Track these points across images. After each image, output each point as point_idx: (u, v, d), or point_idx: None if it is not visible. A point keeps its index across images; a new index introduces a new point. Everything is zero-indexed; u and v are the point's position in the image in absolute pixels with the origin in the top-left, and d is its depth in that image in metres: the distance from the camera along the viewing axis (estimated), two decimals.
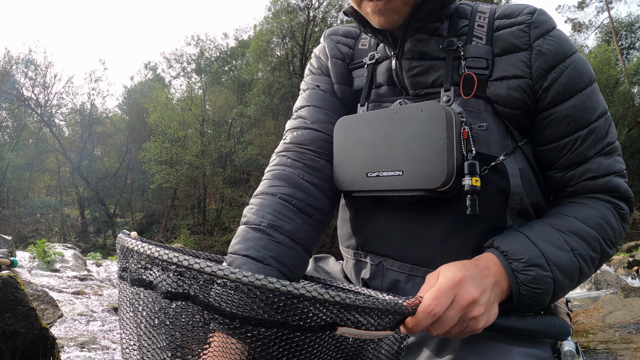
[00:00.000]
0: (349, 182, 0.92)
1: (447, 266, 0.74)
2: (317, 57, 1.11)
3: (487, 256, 0.79)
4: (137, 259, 0.61)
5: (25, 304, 2.40)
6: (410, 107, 0.84)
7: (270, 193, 0.91)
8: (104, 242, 27.43)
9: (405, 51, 0.90)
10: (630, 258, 10.39)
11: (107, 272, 7.23)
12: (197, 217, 28.34)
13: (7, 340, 2.31)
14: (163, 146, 25.24)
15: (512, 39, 0.84)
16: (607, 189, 0.86)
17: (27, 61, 29.03)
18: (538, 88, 0.83)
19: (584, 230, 0.81)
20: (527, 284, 0.75)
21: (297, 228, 0.88)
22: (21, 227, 27.11)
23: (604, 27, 26.28)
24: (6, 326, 2.32)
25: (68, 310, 4.30)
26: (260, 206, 0.89)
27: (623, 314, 4.89)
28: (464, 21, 0.91)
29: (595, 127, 0.84)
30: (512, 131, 0.86)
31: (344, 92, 1.04)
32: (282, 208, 0.89)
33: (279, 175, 0.95)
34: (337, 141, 0.95)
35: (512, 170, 0.83)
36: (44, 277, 5.76)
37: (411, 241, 0.89)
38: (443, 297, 0.66)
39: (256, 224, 0.86)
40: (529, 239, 0.79)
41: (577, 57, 0.84)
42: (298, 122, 1.03)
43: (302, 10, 23.70)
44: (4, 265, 4.78)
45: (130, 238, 0.65)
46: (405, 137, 0.83)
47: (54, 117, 31.36)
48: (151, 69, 34.76)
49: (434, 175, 0.79)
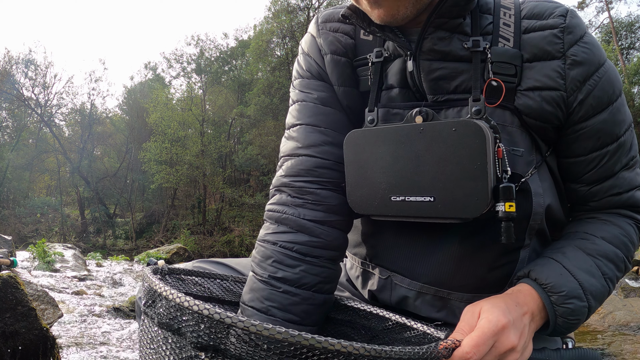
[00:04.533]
0: (367, 205, 0.83)
1: (490, 306, 0.68)
2: (306, 56, 0.94)
3: (525, 290, 0.75)
4: (167, 305, 0.60)
5: (25, 304, 2.40)
6: (440, 125, 0.74)
7: (272, 242, 0.85)
8: (104, 242, 27.40)
9: (425, 51, 0.79)
10: None
11: (107, 272, 7.23)
12: (197, 217, 28.30)
13: (7, 340, 2.31)
14: (163, 146, 25.21)
15: (544, 45, 0.76)
16: (630, 204, 0.85)
17: (27, 61, 29.01)
18: (572, 101, 0.77)
19: (612, 252, 0.80)
20: (565, 316, 0.74)
21: (301, 275, 0.82)
22: (21, 227, 27.08)
23: (604, 27, 26.24)
24: (6, 326, 2.32)
25: (68, 310, 4.29)
26: (263, 256, 0.85)
27: (623, 314, 4.88)
28: (487, 17, 0.81)
29: (623, 141, 0.82)
30: (538, 143, 0.80)
31: (349, 96, 0.90)
32: (283, 257, 0.83)
33: (279, 219, 0.86)
34: (349, 159, 0.84)
35: (535, 189, 0.78)
36: (44, 277, 5.76)
37: (421, 259, 0.84)
38: (483, 345, 0.62)
39: (259, 275, 0.84)
40: (565, 268, 0.76)
41: (608, 65, 0.79)
42: (291, 146, 0.90)
43: (302, 10, 23.68)
44: (4, 265, 4.78)
45: (155, 277, 0.63)
46: (435, 158, 0.74)
47: (54, 117, 31.36)
48: (151, 69, 34.72)
49: (472, 204, 0.71)
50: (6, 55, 28.49)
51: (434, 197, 0.74)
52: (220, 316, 0.52)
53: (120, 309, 4.43)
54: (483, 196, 0.70)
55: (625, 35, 26.09)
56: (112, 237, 28.60)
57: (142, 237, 28.00)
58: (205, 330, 0.55)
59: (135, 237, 27.67)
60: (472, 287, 0.83)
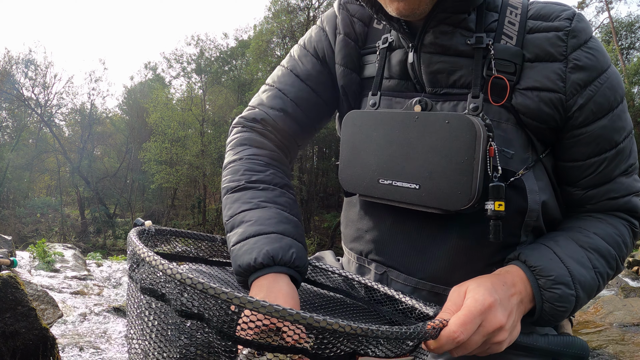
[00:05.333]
0: (356, 184, 0.87)
1: (476, 286, 0.69)
2: (321, 30, 0.99)
3: (514, 271, 0.75)
4: (150, 270, 0.58)
5: (25, 304, 2.40)
6: (434, 115, 0.76)
7: (237, 159, 0.94)
8: (104, 242, 27.39)
9: (426, 44, 0.81)
10: (630, 258, 10.37)
11: (107, 272, 7.23)
12: (197, 217, 28.31)
13: (7, 340, 2.31)
14: (163, 146, 25.23)
15: (547, 46, 0.77)
16: (626, 209, 0.86)
17: (27, 61, 29.02)
18: (571, 104, 0.77)
19: (604, 248, 0.80)
20: (552, 301, 0.74)
21: (272, 177, 0.91)
22: (21, 227, 27.09)
23: (604, 27, 26.24)
24: (6, 326, 2.32)
25: (68, 310, 4.29)
26: (234, 173, 0.92)
27: (623, 314, 4.88)
28: (493, 14, 0.81)
29: (622, 147, 0.82)
30: (534, 143, 0.80)
31: (348, 78, 0.93)
32: (252, 165, 0.92)
33: (237, 142, 0.99)
34: (345, 137, 0.88)
35: (530, 186, 0.79)
36: (44, 277, 5.76)
37: (417, 255, 0.85)
38: (470, 324, 0.63)
39: (236, 185, 0.89)
40: (556, 255, 0.77)
41: (611, 72, 0.78)
42: (256, 101, 1.02)
43: (302, 10, 23.69)
44: (4, 265, 4.78)
45: (139, 240, 0.61)
46: (425, 147, 0.75)
47: (54, 117, 31.37)
48: (151, 69, 34.74)
49: (455, 197, 0.72)
50: (6, 55, 28.53)
51: (419, 184, 0.76)
52: (204, 286, 0.49)
53: (120, 309, 4.43)
54: (466, 190, 0.71)
55: (625, 35, 26.10)
56: (112, 237, 28.59)
57: None
58: (189, 298, 0.54)
59: None
60: None
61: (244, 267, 0.75)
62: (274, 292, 0.71)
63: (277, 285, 0.72)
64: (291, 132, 0.99)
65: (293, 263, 0.76)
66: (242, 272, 0.76)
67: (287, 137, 1.00)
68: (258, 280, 0.74)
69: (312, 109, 0.99)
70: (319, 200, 25.08)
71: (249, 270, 0.75)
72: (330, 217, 22.86)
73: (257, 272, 0.74)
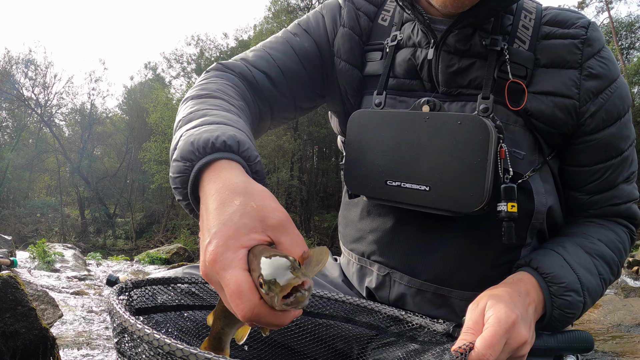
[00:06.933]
0: (362, 185, 0.84)
1: (495, 302, 0.67)
2: (321, 17, 0.95)
3: (526, 278, 0.75)
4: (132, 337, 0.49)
5: (25, 304, 2.40)
6: (446, 116, 0.74)
7: (205, 79, 0.85)
8: (104, 242, 27.40)
9: (448, 43, 0.81)
10: (630, 258, 10.37)
11: (107, 272, 7.22)
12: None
13: (7, 340, 2.31)
14: (163, 146, 25.21)
15: (564, 53, 0.78)
16: (626, 215, 0.88)
17: (27, 61, 29.04)
18: (584, 111, 0.79)
19: (608, 255, 0.82)
20: (562, 308, 0.75)
21: (242, 103, 0.81)
22: (21, 227, 27.09)
23: (604, 27, 26.24)
24: (6, 326, 2.32)
25: (68, 310, 4.29)
26: (197, 88, 0.80)
27: (623, 314, 4.88)
28: (509, 17, 0.82)
29: (626, 155, 0.84)
30: (541, 145, 0.81)
31: (349, 75, 0.91)
32: (223, 87, 0.81)
33: (212, 75, 0.87)
34: (351, 137, 0.85)
35: (537, 187, 0.80)
36: (44, 277, 5.76)
37: (421, 256, 0.84)
38: (497, 345, 0.62)
39: (195, 95, 0.76)
40: (566, 261, 0.77)
41: (620, 81, 0.81)
42: (241, 56, 0.93)
43: (302, 11, 23.68)
44: (4, 265, 4.78)
45: (121, 303, 0.52)
46: (436, 148, 0.74)
47: (54, 117, 31.41)
48: (151, 69, 34.72)
49: (467, 199, 0.71)
50: (6, 55, 28.55)
51: (429, 186, 0.75)
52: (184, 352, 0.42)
53: None
54: (479, 192, 0.70)
55: (625, 35, 26.09)
56: (112, 237, 28.60)
57: (142, 237, 27.99)
58: None
59: (135, 237, 27.66)
60: (473, 285, 0.83)
61: (198, 144, 0.56)
62: (252, 184, 0.53)
63: (247, 177, 0.55)
64: (267, 95, 0.90)
65: (254, 167, 0.59)
66: (192, 152, 0.56)
67: (262, 99, 0.90)
68: (216, 168, 0.55)
69: (297, 83, 0.93)
70: (318, 200, 25.06)
71: (204, 149, 0.56)
72: (330, 217, 22.85)
73: (215, 154, 0.56)
